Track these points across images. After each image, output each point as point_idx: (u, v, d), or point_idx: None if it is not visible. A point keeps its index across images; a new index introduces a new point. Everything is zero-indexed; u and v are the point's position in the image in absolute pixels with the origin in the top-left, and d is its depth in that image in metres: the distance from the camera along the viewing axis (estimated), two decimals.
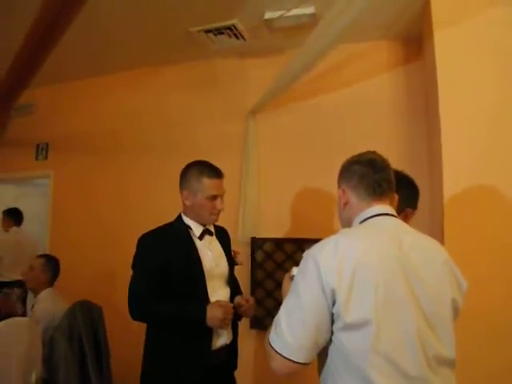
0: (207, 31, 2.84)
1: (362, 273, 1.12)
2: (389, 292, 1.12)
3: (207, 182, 1.95)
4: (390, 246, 1.20)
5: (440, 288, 1.22)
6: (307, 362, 1.15)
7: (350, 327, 1.11)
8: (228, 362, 2.01)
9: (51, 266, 2.77)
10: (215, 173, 1.99)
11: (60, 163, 3.96)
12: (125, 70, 3.64)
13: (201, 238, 2.00)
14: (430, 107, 2.73)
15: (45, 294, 2.70)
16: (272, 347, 1.17)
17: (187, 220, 2.02)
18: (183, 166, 3.38)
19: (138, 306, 1.90)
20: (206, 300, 1.88)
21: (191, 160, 3.30)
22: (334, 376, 1.16)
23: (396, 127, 2.99)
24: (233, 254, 2.18)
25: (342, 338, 1.13)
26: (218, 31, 2.85)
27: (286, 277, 1.46)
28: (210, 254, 1.99)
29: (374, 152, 1.42)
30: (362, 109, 3.03)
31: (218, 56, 3.32)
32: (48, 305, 2.64)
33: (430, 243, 1.32)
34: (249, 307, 1.99)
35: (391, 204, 1.37)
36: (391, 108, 3.02)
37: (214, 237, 2.08)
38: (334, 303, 1.12)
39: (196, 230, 2.00)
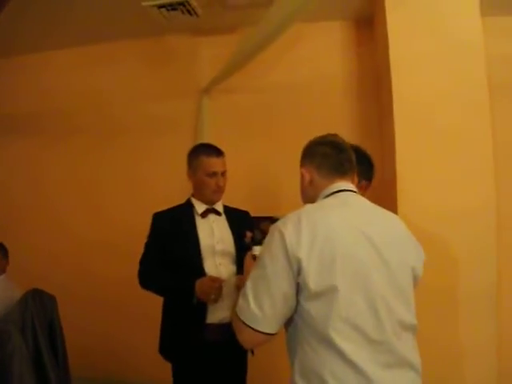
0: (160, 6, 2.73)
1: (327, 243, 1.16)
2: (354, 261, 1.18)
3: (205, 160, 2.06)
4: (353, 218, 1.27)
5: (401, 257, 1.29)
6: (274, 332, 1.19)
7: (315, 296, 1.14)
8: (236, 339, 2.02)
9: (3, 252, 2.66)
10: (213, 151, 2.09)
11: (2, 145, 3.69)
12: (74, 45, 3.42)
13: (203, 215, 2.09)
14: (383, 87, 2.80)
15: None
16: (240, 319, 1.20)
17: (193, 200, 2.14)
18: (135, 146, 3.33)
19: (141, 276, 2.05)
20: (203, 274, 1.95)
21: (145, 139, 3.28)
22: (303, 345, 1.19)
23: (349, 106, 3.05)
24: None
25: (307, 307, 1.16)
26: (172, 7, 2.74)
27: (248, 256, 1.54)
28: (212, 231, 2.06)
29: (335, 135, 1.48)
30: (316, 88, 3.05)
31: (171, 33, 3.21)
32: (2, 292, 2.56)
33: (389, 216, 1.41)
34: (243, 285, 2.00)
35: (352, 183, 1.42)
36: (344, 87, 3.07)
37: (223, 217, 2.16)
38: (299, 273, 1.15)
39: (199, 208, 2.11)
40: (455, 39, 2.54)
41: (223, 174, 2.10)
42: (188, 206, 2.13)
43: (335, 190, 1.35)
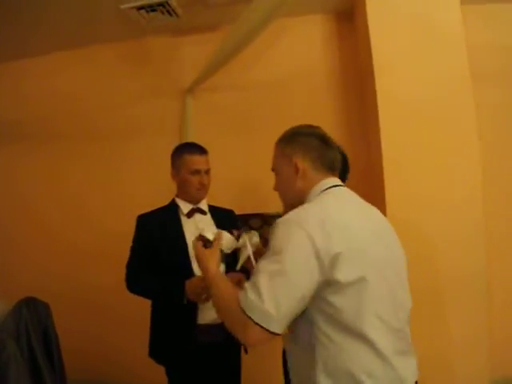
0: (139, 8, 2.72)
1: (351, 237, 1.17)
2: (373, 253, 1.21)
3: (188, 158, 2.05)
4: (360, 213, 1.31)
5: (398, 250, 1.35)
6: (282, 332, 1.14)
7: (344, 288, 1.13)
8: (229, 340, 2.02)
9: None
10: (196, 149, 2.09)
11: None
12: (54, 51, 3.38)
13: (189, 215, 2.09)
14: (366, 80, 2.81)
15: None
16: (247, 315, 1.11)
17: (177, 200, 2.14)
18: (118, 149, 3.30)
19: (128, 280, 2.05)
20: (191, 275, 1.94)
21: (128, 142, 3.27)
22: (324, 343, 1.17)
23: (332, 100, 3.05)
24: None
25: (333, 300, 1.14)
26: (151, 8, 2.73)
27: (198, 241, 1.48)
28: (198, 230, 2.01)
29: (319, 127, 1.47)
30: (298, 83, 3.05)
31: (151, 34, 3.19)
32: None
33: (376, 210, 1.42)
34: (235, 284, 1.98)
35: None
36: (326, 82, 3.07)
37: (209, 216, 2.15)
38: (329, 268, 1.12)
39: (184, 208, 2.10)
40: (436, 29, 2.56)
41: (207, 172, 2.10)
42: (173, 207, 2.13)
43: (330, 185, 1.35)
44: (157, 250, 2.00)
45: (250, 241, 1.51)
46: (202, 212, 2.14)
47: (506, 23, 2.89)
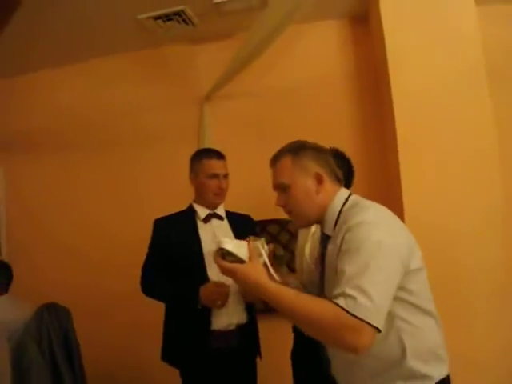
0: (156, 18, 2.78)
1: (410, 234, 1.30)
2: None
3: (206, 162, 2.09)
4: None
5: None
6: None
7: (417, 274, 1.24)
8: (244, 345, 2.03)
9: (1, 273, 2.65)
10: (214, 153, 2.13)
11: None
12: (72, 62, 3.44)
13: (206, 220, 2.10)
14: (381, 83, 2.80)
15: None
16: (365, 321, 1.07)
17: (195, 205, 2.15)
18: (137, 158, 3.32)
19: (144, 284, 2.06)
20: (206, 280, 1.95)
21: (147, 151, 3.30)
22: (411, 332, 1.22)
23: (348, 106, 3.05)
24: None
25: (413, 288, 1.23)
26: (167, 17, 2.79)
27: (218, 255, 1.32)
28: (214, 236, 2.03)
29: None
30: (315, 89, 3.04)
31: (168, 43, 3.24)
32: (5, 315, 2.51)
33: None
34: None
35: None
36: (342, 87, 3.07)
37: (226, 221, 2.16)
38: (407, 261, 1.21)
39: (201, 213, 2.11)
40: (451, 29, 2.56)
41: (225, 176, 2.11)
42: (190, 212, 2.14)
43: (347, 196, 1.36)
44: (172, 254, 2.01)
45: (263, 248, 1.38)
46: (219, 217, 2.14)
47: None
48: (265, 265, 1.34)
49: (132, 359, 3.19)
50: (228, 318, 1.97)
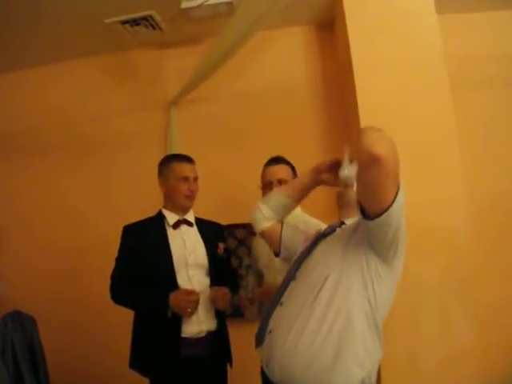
0: (123, 22, 2.77)
1: None
2: None
3: (176, 165, 2.08)
4: None
5: None
6: None
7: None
8: (214, 353, 2.01)
9: None
10: (183, 158, 2.13)
11: None
12: (38, 65, 3.38)
13: (175, 227, 2.07)
14: (347, 89, 2.85)
15: None
16: None
17: (164, 211, 2.12)
18: (107, 161, 3.29)
19: (113, 291, 2.03)
20: (175, 287, 1.93)
21: (115, 155, 3.27)
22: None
23: (316, 110, 3.10)
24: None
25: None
26: (135, 22, 2.78)
27: None
28: (184, 242, 2.04)
29: None
30: (281, 94, 3.08)
31: (136, 47, 3.23)
32: None
33: None
34: (220, 297, 1.98)
35: None
36: (309, 92, 3.12)
37: (195, 228, 2.14)
38: None
39: (170, 219, 2.08)
40: (413, 38, 2.63)
41: (195, 179, 2.11)
42: (159, 218, 2.12)
43: None
44: (142, 260, 1.98)
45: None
46: (189, 224, 2.13)
47: (481, 32, 2.97)
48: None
49: (98, 368, 3.13)
50: (198, 325, 1.96)
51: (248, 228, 2.92)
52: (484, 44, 2.95)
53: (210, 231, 2.17)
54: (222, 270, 2.12)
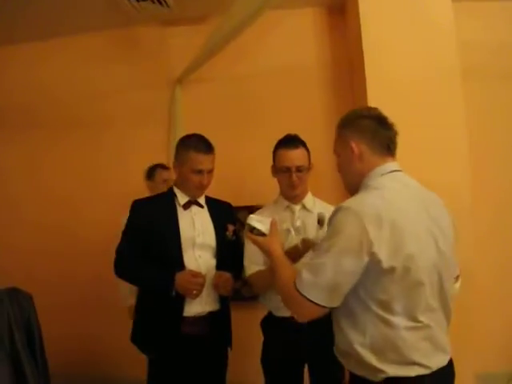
0: None
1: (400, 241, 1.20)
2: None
3: (193, 156, 1.97)
4: (419, 208, 1.29)
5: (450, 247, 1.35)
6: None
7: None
8: (215, 333, 2.00)
9: None
10: (203, 147, 1.99)
11: None
12: (41, 39, 3.31)
13: (185, 207, 2.03)
14: (356, 73, 2.81)
15: None
16: (303, 295, 1.22)
17: (176, 189, 2.07)
18: (106, 137, 3.23)
19: (118, 264, 2.00)
20: (181, 267, 1.91)
21: (116, 132, 3.23)
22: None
23: (321, 94, 3.05)
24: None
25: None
26: None
27: (248, 231, 1.54)
28: (193, 223, 2.01)
29: (377, 109, 1.46)
30: (289, 76, 3.04)
31: (142, 24, 3.15)
32: None
33: (432, 195, 1.42)
34: (222, 283, 1.95)
35: None
36: (316, 75, 3.08)
37: (205, 209, 2.10)
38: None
39: (181, 199, 2.04)
40: (427, 24, 2.57)
41: (210, 171, 2.02)
42: (170, 196, 2.07)
43: (392, 169, 1.35)
44: (150, 237, 1.95)
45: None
46: (199, 205, 2.09)
47: (495, 20, 2.91)
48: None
49: (97, 345, 3.14)
50: (202, 306, 1.95)
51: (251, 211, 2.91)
52: (498, 33, 2.90)
53: (220, 212, 2.13)
54: (229, 253, 2.09)
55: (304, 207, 2.02)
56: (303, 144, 2.02)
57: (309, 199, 2.05)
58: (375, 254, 1.16)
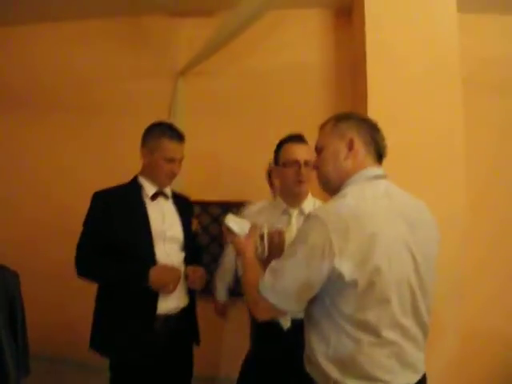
0: None
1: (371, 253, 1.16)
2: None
3: (166, 143, 1.91)
4: (397, 221, 1.23)
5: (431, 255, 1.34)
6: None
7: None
8: (183, 329, 1.96)
9: None
10: (177, 136, 1.95)
11: None
12: (46, 22, 3.31)
13: (153, 198, 1.95)
14: (358, 76, 2.81)
15: None
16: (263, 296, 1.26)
17: (141, 180, 1.97)
18: (109, 124, 3.22)
19: (81, 263, 1.87)
20: (153, 261, 1.83)
21: (118, 117, 3.21)
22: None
23: (324, 94, 3.07)
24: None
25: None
26: None
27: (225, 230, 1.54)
28: (162, 215, 1.94)
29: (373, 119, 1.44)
30: (291, 75, 3.05)
31: (149, 12, 3.16)
32: None
33: (419, 204, 1.38)
34: (196, 278, 1.93)
35: None
36: (319, 75, 3.09)
37: (171, 201, 2.03)
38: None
39: (149, 189, 1.95)
40: (431, 32, 2.58)
41: (180, 161, 1.97)
42: (135, 186, 1.96)
43: (377, 173, 1.32)
44: (115, 230, 1.82)
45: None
46: (166, 196, 2.01)
47: (500, 34, 2.94)
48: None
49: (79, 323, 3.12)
50: (176, 302, 1.90)
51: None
52: (500, 47, 2.93)
53: (183, 205, 2.08)
54: (193, 245, 2.08)
55: (302, 212, 1.96)
56: (307, 143, 2.02)
57: (308, 203, 2.01)
58: (335, 266, 1.13)
